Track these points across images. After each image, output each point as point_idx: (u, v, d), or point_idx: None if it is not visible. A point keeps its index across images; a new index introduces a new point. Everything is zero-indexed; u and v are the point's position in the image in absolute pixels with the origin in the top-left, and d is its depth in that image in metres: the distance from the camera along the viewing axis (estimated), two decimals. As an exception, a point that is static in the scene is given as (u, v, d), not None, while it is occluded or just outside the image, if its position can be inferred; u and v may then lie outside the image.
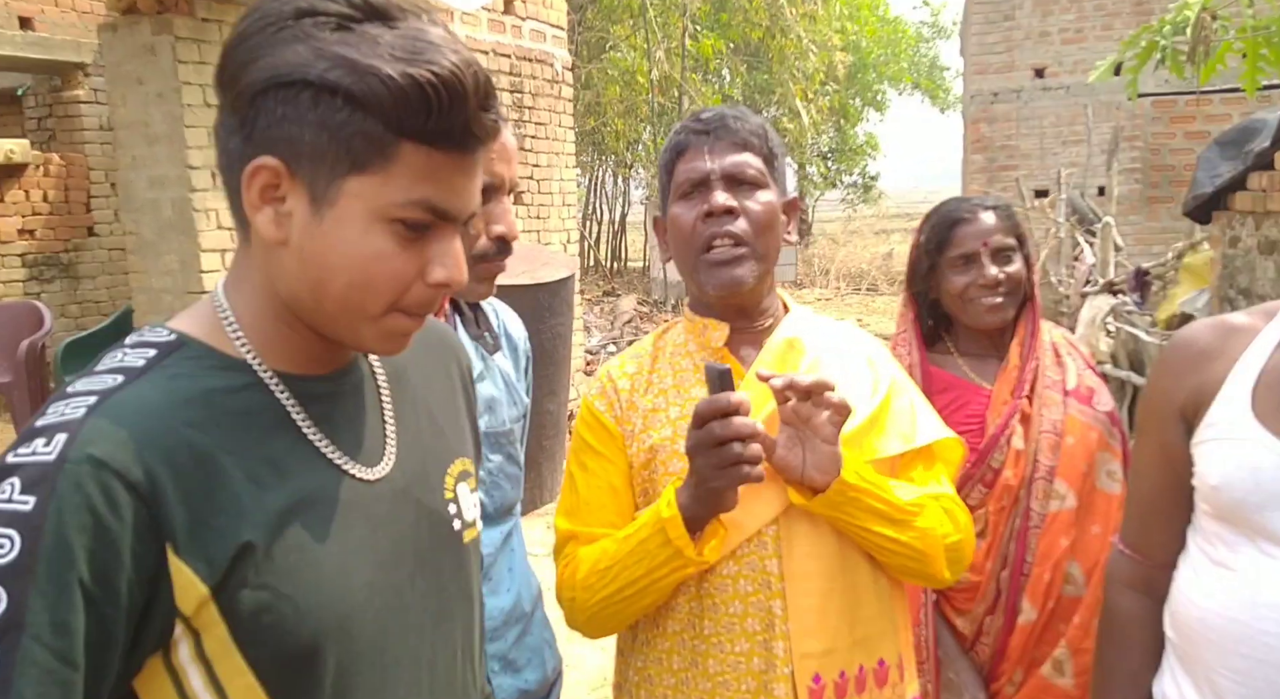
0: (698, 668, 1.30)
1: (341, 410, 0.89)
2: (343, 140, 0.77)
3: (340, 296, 0.81)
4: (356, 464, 0.87)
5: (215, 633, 0.77)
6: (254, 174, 0.79)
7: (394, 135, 0.77)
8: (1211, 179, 4.60)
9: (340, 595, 0.83)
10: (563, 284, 5.05)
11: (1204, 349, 1.22)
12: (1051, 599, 1.68)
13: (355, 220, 0.79)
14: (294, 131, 0.77)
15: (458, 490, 0.98)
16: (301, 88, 0.76)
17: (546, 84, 6.97)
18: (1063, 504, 1.69)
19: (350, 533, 0.85)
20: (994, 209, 1.80)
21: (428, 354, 1.03)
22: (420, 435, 0.96)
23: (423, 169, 0.79)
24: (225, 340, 0.84)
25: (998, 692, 1.72)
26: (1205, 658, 1.17)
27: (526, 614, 1.42)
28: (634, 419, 1.37)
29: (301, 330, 0.86)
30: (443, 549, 0.95)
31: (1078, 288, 7.19)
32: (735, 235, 1.31)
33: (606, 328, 11.59)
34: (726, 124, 1.34)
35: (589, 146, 15.58)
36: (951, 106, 23.36)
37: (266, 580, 0.78)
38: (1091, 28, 9.77)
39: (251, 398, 0.83)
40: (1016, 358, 1.79)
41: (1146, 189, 9.66)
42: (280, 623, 0.79)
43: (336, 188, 0.78)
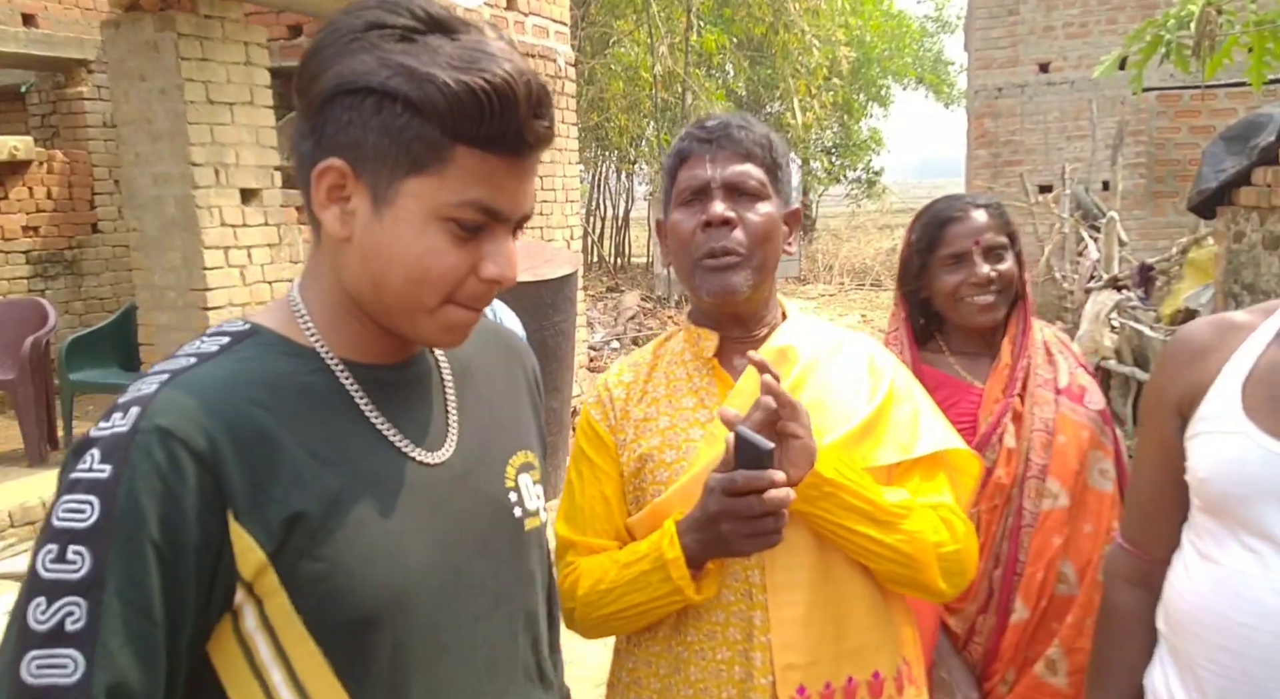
0: (680, 674, 1.31)
1: (405, 398, 0.94)
2: (402, 143, 0.82)
3: (398, 290, 0.86)
4: (419, 448, 0.92)
5: (276, 601, 0.82)
6: (321, 174, 0.85)
7: (450, 139, 0.82)
8: (1216, 174, 4.58)
9: (397, 571, 0.87)
10: (565, 281, 5.05)
11: (1202, 346, 1.24)
12: (1044, 598, 1.68)
13: (413, 219, 0.84)
14: (358, 135, 0.83)
15: (519, 480, 1.03)
16: (366, 94, 0.82)
17: (549, 80, 6.96)
18: (1055, 503, 1.69)
19: (410, 513, 0.89)
20: (985, 207, 1.79)
21: (494, 356, 1.09)
22: (483, 426, 1.01)
23: (476, 172, 0.84)
24: (297, 331, 0.91)
25: (990, 691, 1.72)
26: (1190, 650, 1.19)
27: None
28: (627, 428, 1.38)
29: (367, 323, 0.91)
30: (502, 535, 0.99)
31: (1082, 283, 7.18)
32: (731, 249, 1.31)
33: (610, 324, 11.59)
34: (730, 133, 1.34)
35: (592, 142, 15.56)
36: (955, 101, 23.30)
37: (323, 552, 0.83)
38: (1096, 22, 9.74)
39: (318, 381, 0.88)
40: (1008, 356, 1.78)
41: (1151, 184, 9.64)
42: (336, 593, 0.83)
43: (396, 188, 0.84)
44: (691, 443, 1.33)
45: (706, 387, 1.37)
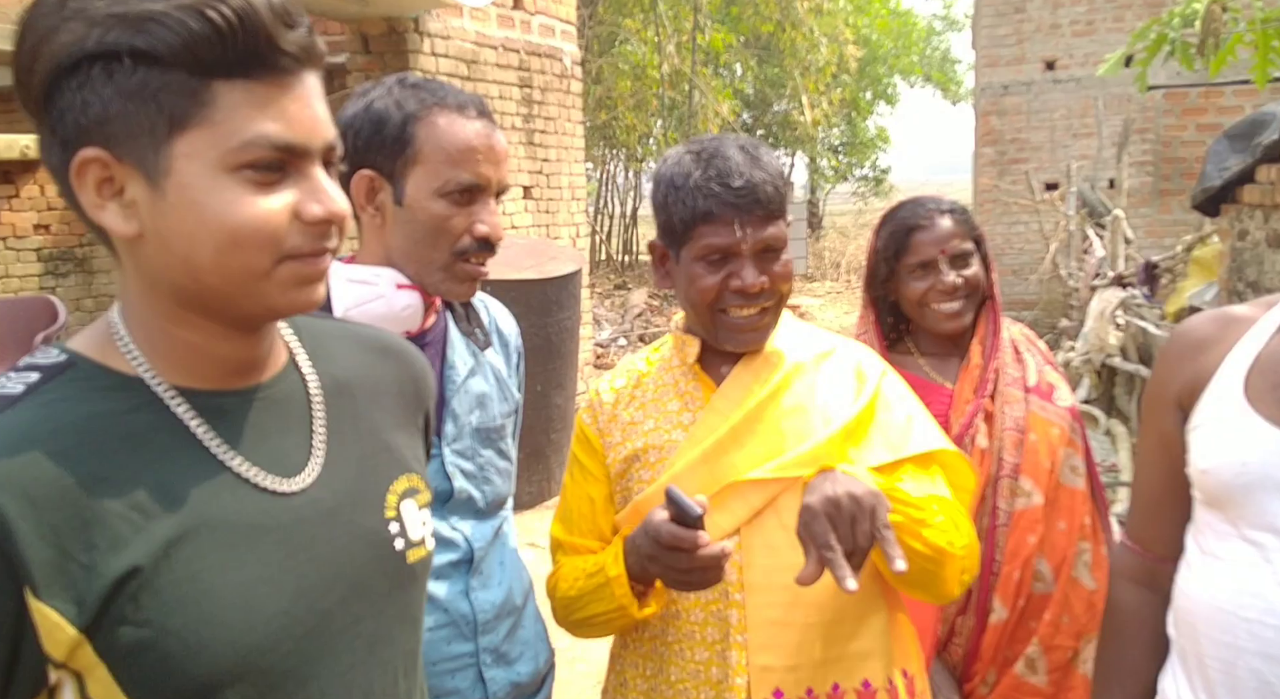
0: (662, 675, 1.32)
1: (256, 425, 0.82)
2: (151, 103, 0.71)
3: (217, 265, 0.75)
4: (270, 476, 0.81)
5: (97, 675, 0.73)
6: (80, 172, 0.74)
7: (200, 78, 0.72)
8: (1220, 172, 4.58)
9: (245, 629, 0.76)
10: (569, 279, 5.07)
11: (1202, 339, 1.23)
12: (1022, 597, 1.68)
13: (197, 181, 0.73)
14: (99, 112, 0.71)
15: (401, 509, 0.92)
16: (87, 65, 0.71)
17: (556, 79, 6.98)
18: (1029, 501, 1.69)
19: (263, 558, 0.79)
20: (949, 212, 1.78)
21: (379, 369, 0.97)
22: (361, 452, 0.90)
23: (246, 105, 0.73)
24: (118, 358, 0.79)
25: (971, 692, 1.71)
26: (1196, 649, 1.18)
27: (518, 607, 1.43)
28: (614, 431, 1.40)
29: (193, 332, 0.80)
30: (381, 572, 0.89)
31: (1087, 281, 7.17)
32: (764, 306, 1.31)
33: (617, 321, 11.61)
34: (758, 195, 1.26)
35: (600, 140, 15.58)
36: (963, 99, 23.25)
37: (150, 616, 0.73)
38: (1102, 20, 9.72)
39: (143, 418, 0.77)
40: (978, 356, 1.78)
41: (1158, 182, 9.61)
42: (166, 662, 0.73)
43: (166, 154, 0.73)
44: (674, 444, 1.35)
45: (691, 391, 1.38)
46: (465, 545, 1.36)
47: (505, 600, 1.40)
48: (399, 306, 1.29)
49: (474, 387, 1.40)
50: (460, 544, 1.35)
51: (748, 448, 1.30)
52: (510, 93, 6.36)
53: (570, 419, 5.40)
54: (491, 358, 1.46)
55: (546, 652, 1.50)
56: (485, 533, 1.39)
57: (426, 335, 1.37)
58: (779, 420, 1.32)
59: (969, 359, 1.80)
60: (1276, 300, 1.21)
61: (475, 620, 1.35)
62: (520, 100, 6.54)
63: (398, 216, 1.30)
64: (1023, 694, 1.68)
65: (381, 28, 5.42)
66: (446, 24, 5.72)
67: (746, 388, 1.35)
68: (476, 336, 1.44)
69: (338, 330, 0.98)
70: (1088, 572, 1.71)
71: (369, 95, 1.32)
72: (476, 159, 1.29)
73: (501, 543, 1.43)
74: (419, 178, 1.28)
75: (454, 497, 1.35)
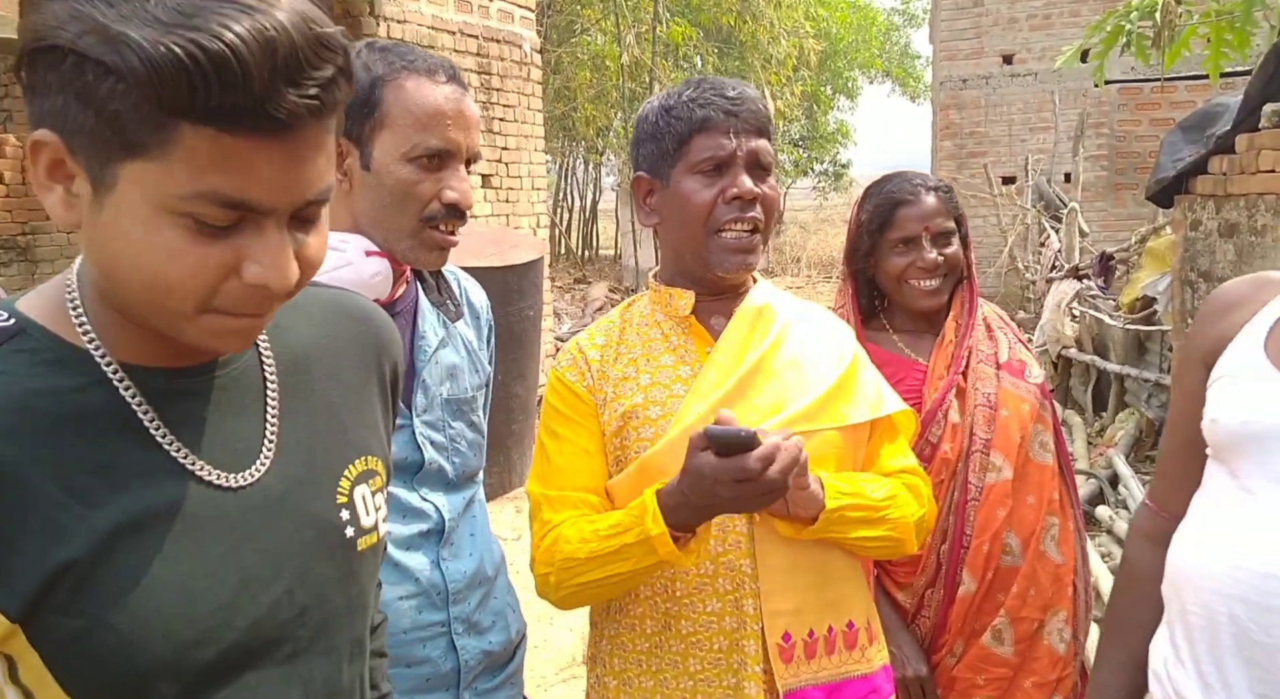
0: (670, 630, 1.32)
1: (210, 409, 0.79)
2: (110, 118, 0.65)
3: (138, 294, 0.71)
4: (217, 471, 0.78)
5: (29, 661, 0.71)
6: (35, 149, 0.69)
7: (168, 116, 0.64)
8: (1174, 163, 4.65)
9: (184, 623, 0.74)
10: (531, 266, 5.02)
11: (1234, 300, 1.25)
12: (990, 570, 1.70)
13: (136, 211, 0.67)
14: (62, 103, 0.66)
15: (354, 494, 0.89)
16: (62, 54, 0.65)
17: (515, 66, 6.91)
18: (999, 475, 1.71)
19: (205, 552, 0.76)
20: (935, 190, 1.80)
21: (343, 340, 0.93)
22: (315, 434, 0.87)
23: (210, 155, 0.66)
24: (69, 328, 0.74)
25: (939, 663, 1.74)
26: (1181, 598, 1.19)
27: (489, 578, 1.42)
28: (605, 388, 1.38)
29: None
30: (330, 559, 0.85)
31: (1044, 273, 7.26)
32: (755, 221, 1.33)
33: (577, 315, 11.56)
34: (750, 106, 1.33)
35: (559, 133, 15.50)
36: (922, 95, 23.48)
37: (85, 607, 0.70)
38: (1059, 15, 9.85)
39: (89, 398, 0.73)
40: (953, 333, 1.81)
41: (1112, 176, 9.77)
42: (100, 654, 0.71)
43: (113, 172, 0.67)
44: (675, 398, 1.34)
45: (684, 344, 1.38)
46: (436, 516, 1.35)
47: (477, 571, 1.39)
48: (368, 273, 1.26)
49: (445, 358, 1.39)
50: (431, 515, 1.34)
51: (754, 401, 1.32)
52: (468, 79, 6.28)
53: (532, 411, 5.34)
54: (463, 329, 1.45)
55: (519, 623, 1.50)
56: (456, 504, 1.38)
57: (397, 305, 1.35)
58: (780, 373, 1.34)
59: (943, 336, 1.82)
60: None
61: (446, 590, 1.34)
62: (479, 87, 6.45)
63: (365, 182, 1.28)
64: (989, 665, 1.71)
65: (337, 10, 5.32)
66: (403, 7, 5.63)
67: (744, 340, 1.36)
68: (448, 308, 1.42)
69: (299, 296, 0.93)
70: (1055, 545, 1.75)
71: None
72: (446, 124, 1.27)
73: (472, 515, 1.42)
74: (386, 142, 1.25)
75: (425, 468, 1.34)
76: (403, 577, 1.30)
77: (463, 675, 1.36)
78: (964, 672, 1.72)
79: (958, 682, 1.72)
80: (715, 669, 1.30)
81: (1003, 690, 1.71)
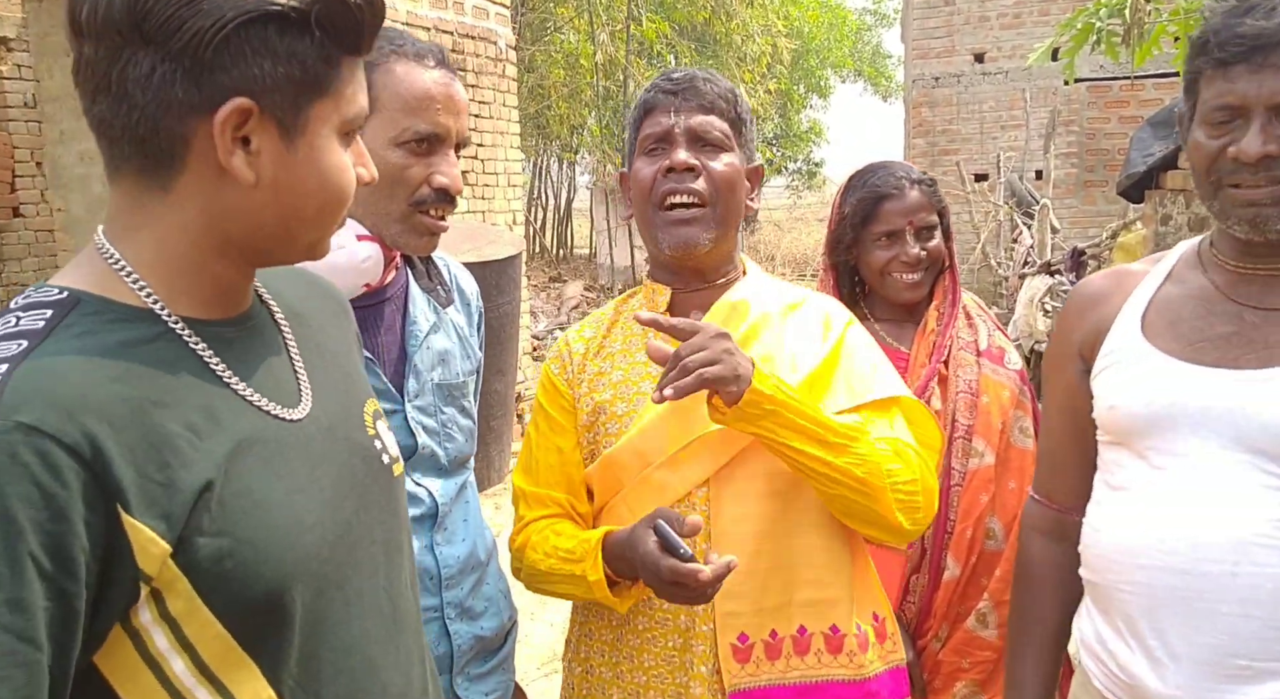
0: (629, 625, 1.33)
1: (254, 354, 0.87)
2: (309, 67, 0.79)
3: (314, 218, 0.84)
4: (280, 406, 0.86)
5: (178, 588, 0.75)
6: (228, 118, 0.77)
7: (339, 53, 0.81)
8: (1144, 158, 4.72)
9: (296, 534, 0.82)
10: (509, 262, 5.00)
11: (1098, 292, 1.31)
12: (974, 555, 1.73)
13: (324, 143, 0.82)
14: (265, 67, 0.77)
15: (378, 427, 0.99)
16: (269, 20, 0.77)
17: (490, 62, 6.88)
18: (981, 461, 1.74)
19: (293, 473, 0.84)
20: (919, 183, 1.81)
21: (319, 301, 1.03)
22: (333, 376, 0.96)
23: (352, 81, 0.84)
24: (124, 290, 0.81)
25: (924, 648, 1.76)
26: (1109, 581, 1.23)
27: (482, 563, 1.43)
28: (582, 382, 1.40)
29: (226, 268, 0.85)
30: (378, 483, 0.95)
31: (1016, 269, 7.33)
32: (695, 192, 1.32)
33: (553, 313, 11.54)
34: (695, 86, 1.35)
35: (533, 131, 15.45)
36: (894, 94, 23.63)
37: (223, 526, 0.77)
38: (1029, 13, 9.95)
39: (165, 348, 0.80)
40: (934, 322, 1.82)
41: (1082, 173, 9.88)
42: (243, 568, 0.78)
43: (305, 115, 0.81)
44: (642, 396, 1.35)
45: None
46: (430, 501, 1.35)
47: (469, 556, 1.39)
48: (360, 258, 1.26)
49: (436, 343, 1.39)
50: (424, 500, 1.34)
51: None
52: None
53: (510, 407, 5.32)
54: (453, 315, 1.45)
55: (510, 609, 1.51)
56: (449, 490, 1.38)
57: (388, 291, 1.35)
58: None
59: (925, 325, 1.83)
60: (1163, 256, 1.30)
61: (439, 575, 1.34)
62: (455, 84, 6.41)
63: None
64: (974, 648, 1.73)
65: (311, 6, 5.27)
66: (378, 3, 5.58)
67: None
68: (438, 293, 1.42)
69: (269, 269, 0.99)
70: None
71: None
72: (435, 108, 1.27)
73: (465, 500, 1.43)
74: (376, 127, 1.25)
75: (417, 452, 1.34)
76: None
77: (455, 660, 1.36)
78: (949, 656, 1.74)
79: (943, 665, 1.74)
80: (667, 666, 1.31)
81: (988, 673, 1.73)
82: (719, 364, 1.15)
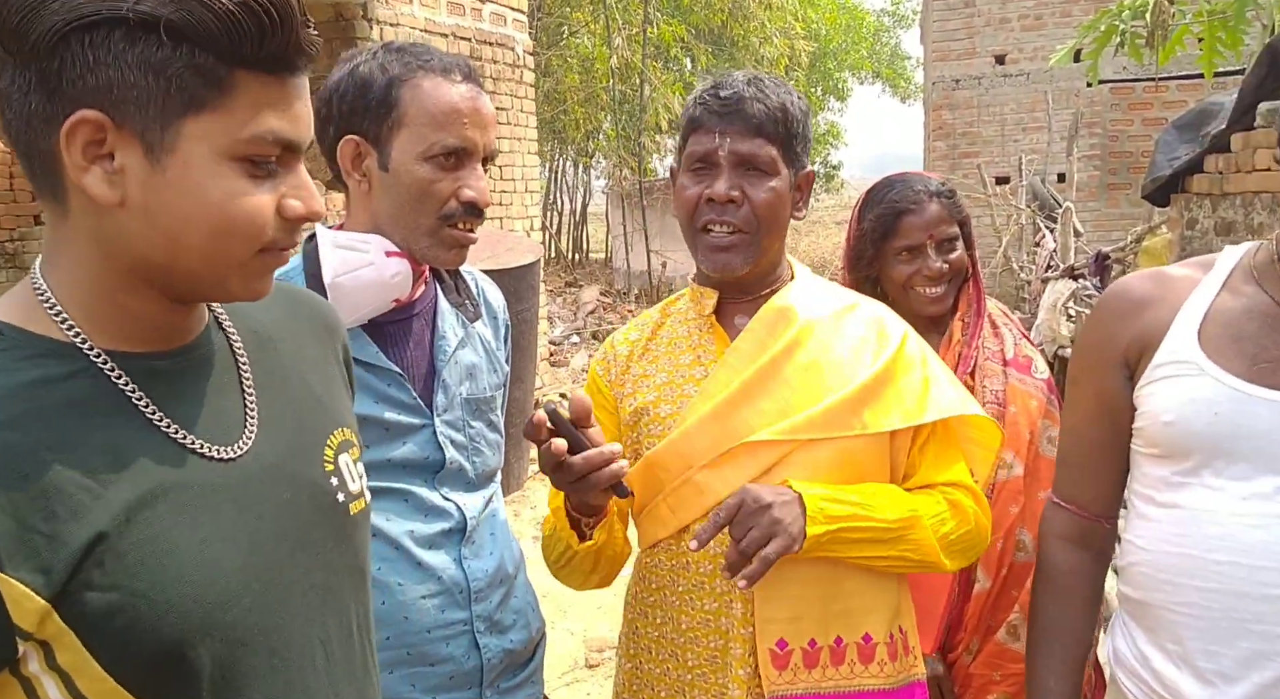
0: (673, 623, 1.35)
1: (191, 387, 0.82)
2: (172, 79, 0.71)
3: (201, 248, 0.76)
4: (211, 445, 0.81)
5: (65, 641, 0.72)
6: (73, 131, 0.71)
7: (227, 66, 0.72)
8: (1169, 162, 4.66)
9: (207, 585, 0.77)
10: (528, 269, 5.00)
11: (1143, 297, 1.26)
12: (1004, 567, 1.70)
13: (202, 164, 0.74)
14: (111, 77, 0.70)
15: (339, 461, 0.93)
16: (113, 26, 0.69)
17: (508, 68, 6.89)
18: (1010, 472, 1.71)
19: (215, 517, 0.79)
20: (938, 196, 1.79)
21: (299, 322, 0.98)
22: (294, 404, 0.91)
23: (261, 98, 0.75)
24: (47, 323, 0.77)
25: (955, 661, 1.74)
26: (1159, 600, 1.20)
27: (510, 577, 1.43)
28: (626, 383, 1.41)
29: (141, 301, 0.79)
30: (325, 524, 0.89)
31: (1039, 273, 7.27)
32: (734, 224, 1.32)
33: (570, 318, 11.54)
34: (743, 108, 1.30)
35: (549, 135, 15.48)
36: (913, 96, 23.55)
37: (117, 580, 0.72)
38: (1050, 14, 9.89)
39: (80, 385, 0.75)
40: (960, 332, 1.80)
41: (1105, 175, 9.80)
42: (137, 624, 0.73)
43: (174, 132, 0.73)
44: (686, 398, 1.35)
45: (704, 344, 1.39)
46: (458, 514, 1.35)
47: (498, 569, 1.39)
48: (389, 273, 1.27)
49: (464, 358, 1.40)
50: (453, 514, 1.35)
51: (759, 404, 1.31)
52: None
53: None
54: (481, 330, 1.46)
55: (538, 621, 1.50)
56: (477, 503, 1.39)
57: (416, 306, 1.36)
58: (792, 377, 1.32)
59: (951, 335, 1.82)
60: (1211, 261, 1.25)
61: (468, 588, 1.34)
62: (473, 90, 6.43)
63: (383, 182, 1.29)
64: (1005, 660, 1.71)
65: (329, 14, 5.31)
66: (395, 10, 5.61)
67: (760, 343, 1.35)
68: (466, 308, 1.43)
69: None
70: None
71: (354, 61, 1.30)
72: (462, 122, 1.27)
73: (492, 514, 1.43)
74: (404, 142, 1.26)
75: (446, 467, 1.34)
76: (425, 575, 1.30)
77: (485, 674, 1.36)
78: (980, 669, 1.72)
79: (974, 679, 1.72)
80: (709, 666, 1.33)
81: (1019, 686, 1.70)
82: (774, 539, 1.19)
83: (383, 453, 1.28)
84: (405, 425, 1.30)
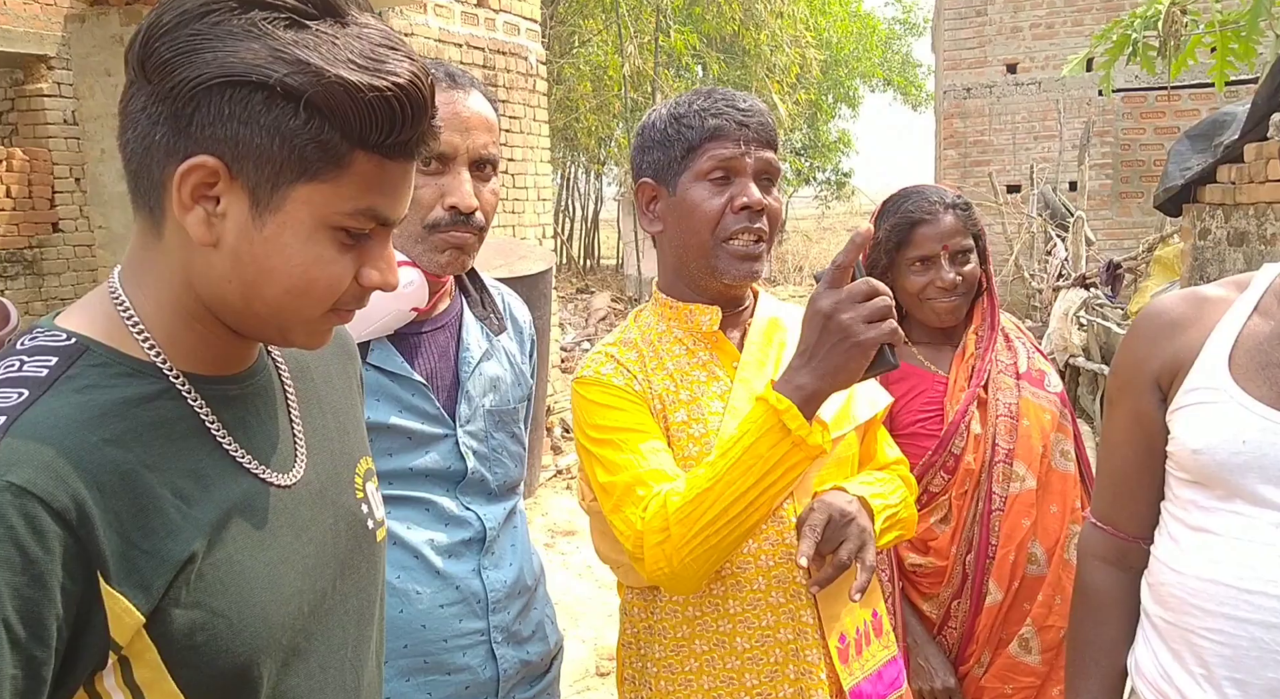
0: (725, 647, 1.33)
1: (253, 414, 0.85)
2: (296, 147, 0.74)
3: (275, 301, 0.79)
4: (272, 471, 0.84)
5: (147, 658, 0.74)
6: (189, 172, 0.74)
7: (350, 145, 0.75)
8: (1181, 172, 4.66)
9: (272, 607, 0.81)
10: (540, 277, 5.02)
11: (1177, 319, 1.24)
12: (1016, 580, 1.71)
13: (299, 228, 0.77)
14: (241, 133, 0.73)
15: (367, 489, 0.97)
16: (255, 89, 0.72)
17: (521, 77, 6.93)
18: (1022, 485, 1.72)
19: (277, 542, 0.83)
20: (953, 207, 1.80)
21: (328, 350, 1.00)
22: (328, 435, 0.94)
23: (373, 178, 0.77)
24: (129, 341, 0.79)
25: (966, 674, 1.75)
26: (1187, 624, 1.19)
27: (529, 588, 1.43)
28: (652, 397, 1.35)
29: (214, 329, 0.82)
30: (360, 550, 0.93)
31: (1050, 282, 7.26)
32: (761, 232, 1.35)
33: (581, 325, 11.56)
34: (764, 119, 1.36)
35: (561, 143, 15.52)
36: (924, 104, 23.52)
37: (199, 598, 0.75)
38: (1062, 23, 9.88)
39: (165, 407, 0.78)
40: (973, 345, 1.81)
41: (1117, 184, 9.78)
42: (214, 642, 0.76)
43: (283, 194, 0.76)
44: (716, 416, 1.35)
45: (710, 359, 1.39)
46: (479, 524, 1.36)
47: (516, 580, 1.40)
48: (403, 282, 1.26)
49: (488, 370, 1.40)
50: (474, 523, 1.35)
51: None
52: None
53: (541, 422, 5.34)
54: (506, 343, 1.46)
55: (556, 634, 1.51)
56: (497, 515, 1.39)
57: (441, 318, 1.37)
58: None
59: (964, 348, 1.82)
60: (1247, 280, 1.23)
61: (487, 599, 1.35)
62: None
63: None
64: (1017, 673, 1.71)
65: (345, 24, 5.33)
66: (410, 20, 5.64)
67: (764, 354, 1.39)
68: (491, 321, 1.44)
69: None
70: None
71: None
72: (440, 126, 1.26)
73: (513, 525, 1.44)
74: None
75: (467, 477, 1.35)
76: (444, 584, 1.31)
77: (501, 684, 1.37)
78: (992, 682, 1.73)
79: (986, 692, 1.73)
80: (771, 682, 1.32)
81: None
82: (868, 546, 1.27)
83: (405, 461, 1.29)
84: (428, 435, 1.31)
